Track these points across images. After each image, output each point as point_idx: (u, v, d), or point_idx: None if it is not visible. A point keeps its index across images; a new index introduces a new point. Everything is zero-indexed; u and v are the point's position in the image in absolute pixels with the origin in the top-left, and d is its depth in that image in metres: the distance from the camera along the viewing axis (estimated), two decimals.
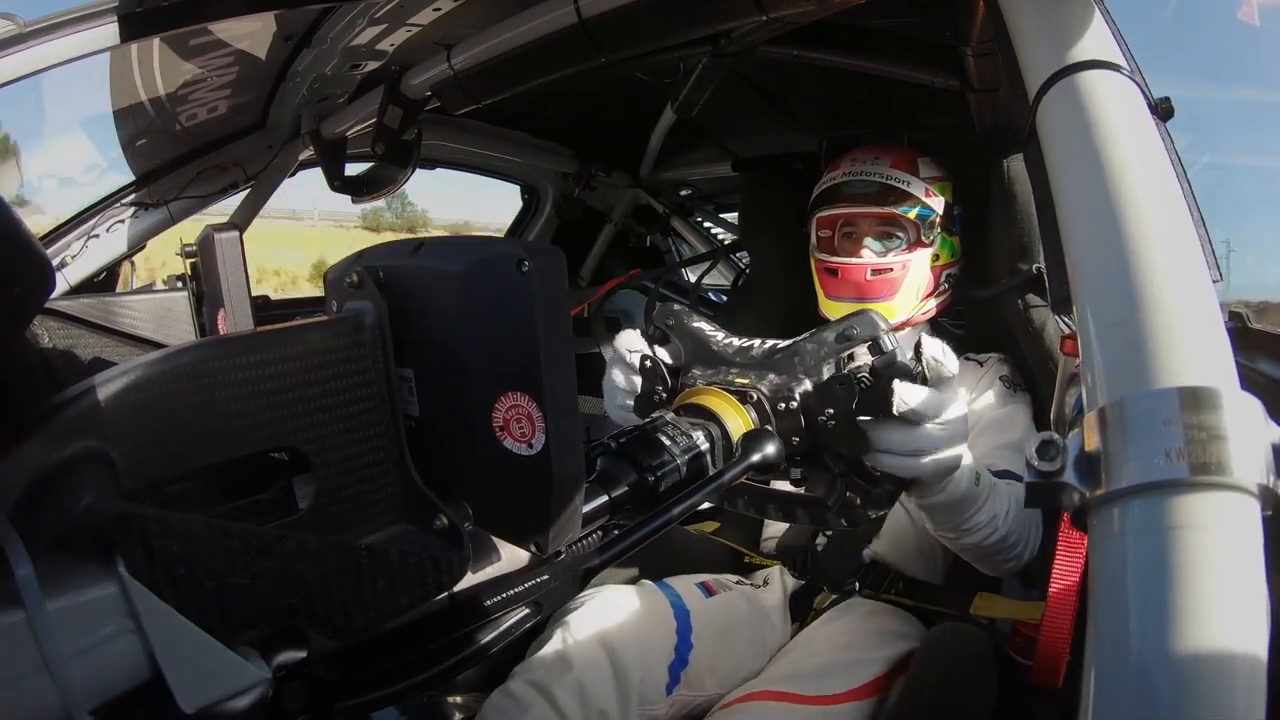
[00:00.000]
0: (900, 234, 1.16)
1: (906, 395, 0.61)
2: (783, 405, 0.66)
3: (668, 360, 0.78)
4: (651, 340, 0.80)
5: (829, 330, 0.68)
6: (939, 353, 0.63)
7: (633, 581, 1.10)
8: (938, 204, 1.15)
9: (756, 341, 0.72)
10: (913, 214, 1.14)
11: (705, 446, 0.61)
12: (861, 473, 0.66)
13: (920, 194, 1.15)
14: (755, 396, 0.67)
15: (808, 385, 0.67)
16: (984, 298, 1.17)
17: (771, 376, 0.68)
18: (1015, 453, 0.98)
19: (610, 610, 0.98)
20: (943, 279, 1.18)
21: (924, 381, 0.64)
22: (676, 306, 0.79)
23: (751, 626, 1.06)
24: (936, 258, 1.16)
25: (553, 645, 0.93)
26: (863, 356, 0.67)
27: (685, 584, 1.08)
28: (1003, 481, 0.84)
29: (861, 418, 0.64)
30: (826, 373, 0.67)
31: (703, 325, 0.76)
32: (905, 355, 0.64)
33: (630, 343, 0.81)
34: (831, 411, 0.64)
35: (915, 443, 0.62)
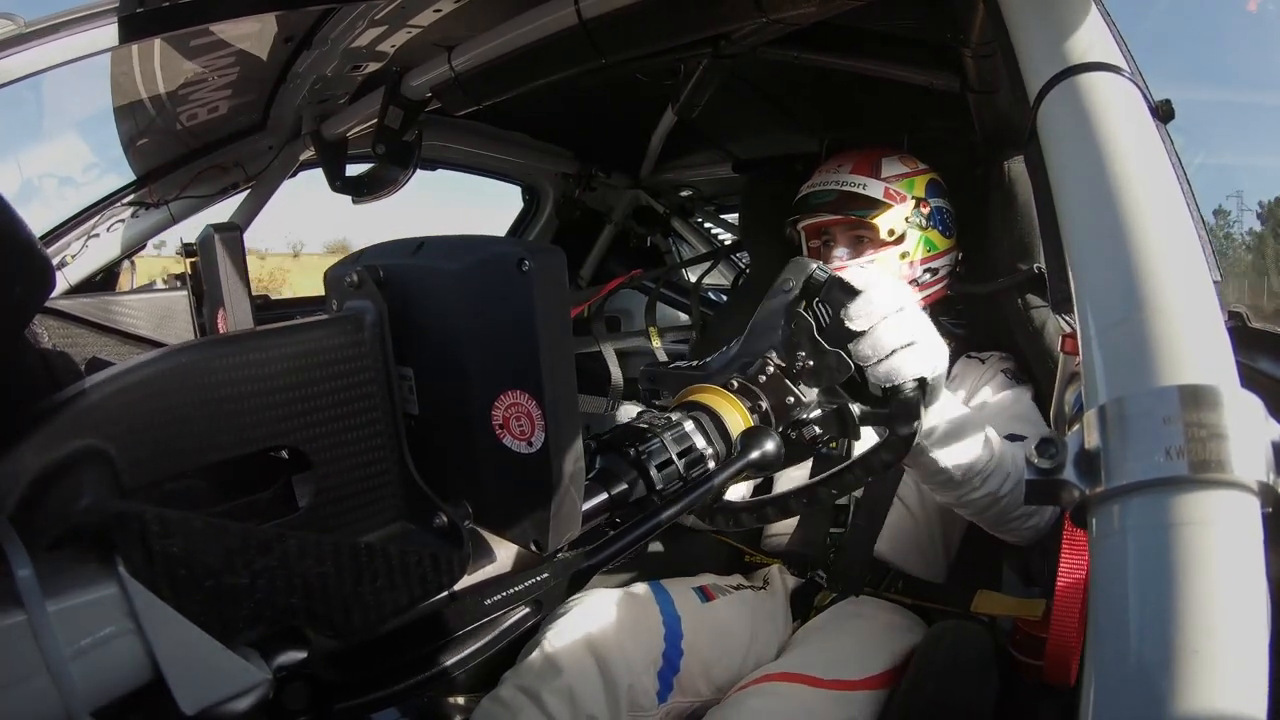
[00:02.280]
0: (868, 235, 1.17)
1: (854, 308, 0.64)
2: (762, 376, 0.67)
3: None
4: (648, 401, 0.81)
5: (769, 295, 0.70)
6: (849, 276, 0.66)
7: (632, 580, 1.09)
8: (901, 201, 1.16)
9: (724, 348, 0.74)
10: (870, 216, 1.15)
11: (702, 440, 0.61)
12: (867, 397, 0.67)
13: (878, 194, 1.16)
14: (736, 383, 0.68)
15: (774, 344, 0.68)
16: (982, 293, 1.17)
17: (744, 360, 0.70)
18: (1023, 421, 0.99)
19: (599, 615, 0.98)
20: (921, 274, 1.18)
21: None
22: (644, 367, 0.79)
23: (752, 631, 1.05)
24: (905, 254, 1.16)
25: (542, 650, 0.94)
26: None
27: (682, 588, 1.08)
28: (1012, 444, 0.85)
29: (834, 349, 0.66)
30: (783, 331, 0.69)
31: (679, 365, 0.78)
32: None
33: (629, 412, 0.82)
34: (804, 353, 0.66)
35: (887, 340, 0.63)
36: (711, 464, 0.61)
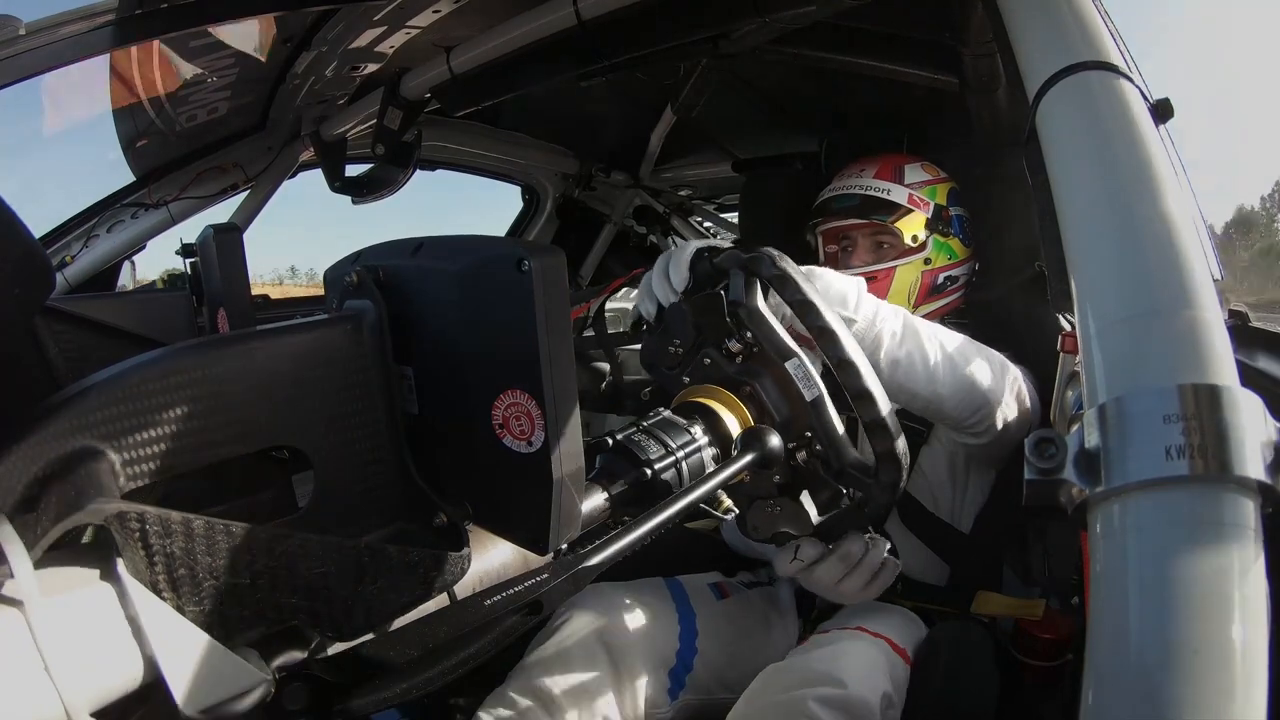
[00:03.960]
0: (891, 242, 1.16)
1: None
2: (707, 359, 0.70)
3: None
4: (649, 402, 0.82)
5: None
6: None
7: (643, 575, 1.09)
8: (924, 208, 1.15)
9: None
10: (894, 221, 1.14)
11: (704, 441, 0.61)
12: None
13: (902, 200, 1.14)
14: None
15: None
16: (989, 300, 1.17)
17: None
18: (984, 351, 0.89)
19: (612, 610, 0.96)
20: (942, 281, 1.17)
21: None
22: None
23: (766, 629, 1.05)
24: (928, 261, 1.15)
25: (552, 645, 0.91)
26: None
27: (697, 584, 1.07)
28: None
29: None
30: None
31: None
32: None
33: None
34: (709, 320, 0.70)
35: (682, 259, 0.72)
36: (711, 463, 0.61)
